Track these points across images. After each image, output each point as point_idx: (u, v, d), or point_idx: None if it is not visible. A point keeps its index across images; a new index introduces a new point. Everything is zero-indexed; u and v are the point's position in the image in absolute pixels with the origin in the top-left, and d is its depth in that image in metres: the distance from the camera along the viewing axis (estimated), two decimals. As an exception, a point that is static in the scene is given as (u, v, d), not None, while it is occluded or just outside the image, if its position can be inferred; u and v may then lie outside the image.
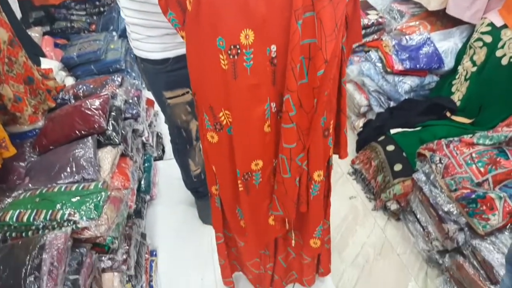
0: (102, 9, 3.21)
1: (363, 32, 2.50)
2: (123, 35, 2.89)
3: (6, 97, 1.51)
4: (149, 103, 2.30)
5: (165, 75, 1.35)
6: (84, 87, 1.84)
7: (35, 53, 2.09)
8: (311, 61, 0.89)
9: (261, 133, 1.00)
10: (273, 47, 0.87)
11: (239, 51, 0.86)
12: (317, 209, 1.21)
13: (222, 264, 1.43)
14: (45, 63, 2.05)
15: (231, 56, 0.87)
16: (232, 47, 0.86)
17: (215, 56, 0.88)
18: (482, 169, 1.43)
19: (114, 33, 2.82)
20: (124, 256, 1.33)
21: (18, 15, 2.20)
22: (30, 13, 2.93)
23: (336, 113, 1.12)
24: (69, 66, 2.37)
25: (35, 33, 2.36)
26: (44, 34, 2.62)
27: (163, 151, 2.35)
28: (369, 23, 2.48)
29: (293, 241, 1.30)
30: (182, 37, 0.96)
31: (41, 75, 1.84)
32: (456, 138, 1.60)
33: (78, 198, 1.24)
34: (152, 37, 1.24)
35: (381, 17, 2.51)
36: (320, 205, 1.21)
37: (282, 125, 0.96)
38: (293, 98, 0.91)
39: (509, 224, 1.33)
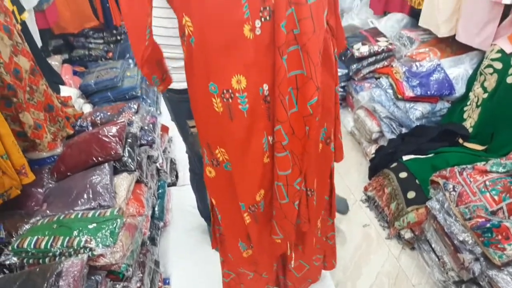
0: (119, 37, 3.33)
1: (373, 59, 2.54)
2: (139, 62, 2.98)
3: (27, 124, 1.56)
4: (164, 129, 2.35)
5: (189, 104, 1.40)
6: (102, 114, 1.90)
7: (55, 81, 2.17)
8: (299, 91, 0.93)
9: (261, 165, 1.03)
10: (265, 86, 0.91)
11: (232, 95, 0.90)
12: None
13: None
14: (64, 91, 2.12)
15: (224, 100, 0.91)
16: (225, 91, 0.90)
17: (208, 100, 0.92)
18: (496, 197, 1.42)
19: (130, 61, 2.90)
20: (138, 284, 1.34)
21: (39, 44, 2.28)
22: (49, 42, 3.05)
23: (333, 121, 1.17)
24: (87, 93, 2.44)
25: (55, 61, 2.45)
26: (63, 62, 2.72)
27: (177, 177, 2.38)
28: (379, 50, 2.52)
29: (292, 262, 1.32)
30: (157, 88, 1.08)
31: (61, 103, 1.90)
32: (469, 166, 1.59)
33: (95, 225, 1.26)
34: (177, 68, 1.29)
35: (391, 44, 2.55)
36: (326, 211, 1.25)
37: (276, 154, 1.00)
38: (284, 127, 0.95)
39: (526, 254, 1.31)
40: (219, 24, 0.83)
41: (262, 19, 0.82)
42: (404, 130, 2.21)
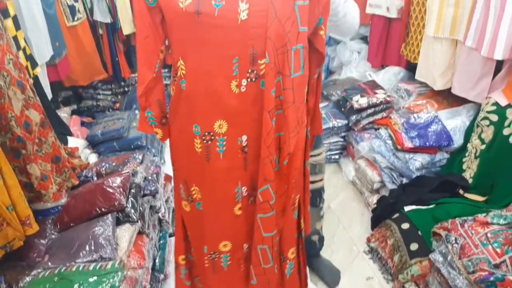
0: (126, 89, 3.46)
1: (372, 110, 2.62)
2: (145, 113, 3.07)
3: (34, 175, 1.60)
4: (167, 178, 2.37)
5: None
6: (107, 165, 1.94)
7: (63, 132, 2.23)
8: (280, 151, 1.00)
9: (231, 214, 1.07)
10: (244, 137, 0.98)
11: (212, 137, 0.98)
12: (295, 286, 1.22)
13: None
14: (72, 142, 2.17)
15: (205, 141, 0.98)
16: (206, 133, 0.98)
17: (191, 140, 1.00)
18: (498, 250, 1.41)
19: (136, 112, 2.98)
20: None
21: (49, 96, 2.37)
22: (59, 93, 3.17)
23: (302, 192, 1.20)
24: (93, 143, 2.50)
25: (64, 113, 2.53)
26: (72, 112, 2.81)
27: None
28: (377, 102, 2.59)
29: None
30: (157, 133, 1.10)
31: (68, 154, 1.95)
32: (470, 217, 1.60)
33: (95, 278, 1.26)
34: None
35: (389, 96, 2.63)
36: (296, 281, 1.22)
37: (260, 215, 1.02)
38: (272, 186, 0.99)
39: (532, 310, 1.29)
40: (210, 75, 0.92)
41: (248, 80, 0.91)
42: (404, 180, 2.23)
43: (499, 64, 2.08)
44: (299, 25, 0.88)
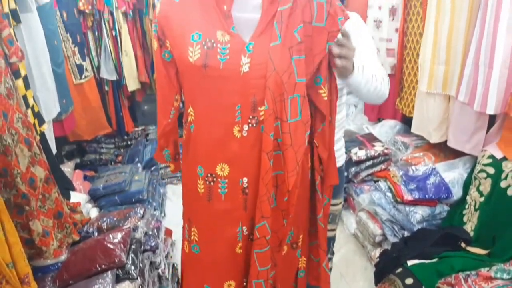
0: (129, 142, 3.53)
1: (370, 162, 2.66)
2: (147, 166, 3.12)
3: (36, 232, 1.60)
4: (168, 232, 2.36)
5: None
6: (108, 219, 1.95)
7: (66, 187, 2.25)
8: (278, 188, 1.06)
9: (233, 254, 1.11)
10: (245, 179, 1.04)
11: (214, 179, 1.05)
12: None
13: None
14: (74, 197, 2.19)
15: (207, 182, 1.06)
16: (209, 175, 1.05)
17: (194, 180, 1.08)
18: (504, 307, 1.39)
19: (139, 165, 3.03)
20: None
21: (54, 151, 2.42)
22: (63, 147, 3.23)
23: (314, 248, 1.24)
24: (95, 197, 2.51)
25: (67, 168, 2.57)
26: (75, 166, 2.85)
27: (178, 283, 2.33)
28: (375, 154, 2.64)
29: None
30: (170, 166, 1.24)
31: (70, 209, 1.96)
32: (473, 272, 1.58)
33: None
34: None
35: (386, 148, 2.68)
36: None
37: (256, 250, 1.06)
38: (269, 222, 1.04)
39: None
40: (215, 121, 1.02)
41: (250, 125, 1.00)
42: (406, 233, 2.22)
43: (493, 117, 2.12)
44: (295, 76, 0.97)
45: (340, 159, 1.55)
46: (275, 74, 0.95)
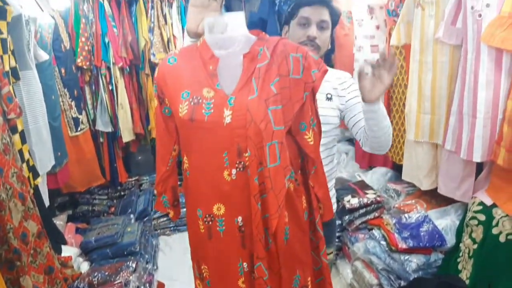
0: (122, 193, 3.52)
1: (364, 210, 2.67)
2: (140, 217, 3.09)
3: (25, 288, 1.57)
4: (160, 286, 2.32)
5: None
6: (100, 274, 1.91)
7: (58, 241, 2.22)
8: (269, 230, 1.11)
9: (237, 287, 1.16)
10: (240, 218, 1.12)
11: (212, 219, 1.13)
12: None
13: None
14: (66, 251, 2.16)
15: (206, 222, 1.13)
16: (207, 215, 1.13)
17: (196, 222, 1.16)
18: None
19: (131, 216, 3.01)
20: None
21: (47, 203, 2.41)
22: (56, 199, 3.21)
23: (321, 284, 1.28)
24: (86, 250, 2.47)
25: (59, 221, 2.55)
26: (68, 219, 2.82)
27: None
28: (368, 202, 2.66)
29: None
30: (169, 213, 1.31)
31: (61, 263, 1.93)
32: (471, 323, 1.56)
33: None
34: None
35: (379, 196, 2.71)
36: None
37: None
38: (264, 263, 1.10)
39: None
40: (206, 166, 1.11)
41: (237, 169, 1.09)
42: (402, 283, 2.19)
43: (481, 163, 2.14)
44: (273, 125, 1.08)
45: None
46: (254, 124, 1.06)
